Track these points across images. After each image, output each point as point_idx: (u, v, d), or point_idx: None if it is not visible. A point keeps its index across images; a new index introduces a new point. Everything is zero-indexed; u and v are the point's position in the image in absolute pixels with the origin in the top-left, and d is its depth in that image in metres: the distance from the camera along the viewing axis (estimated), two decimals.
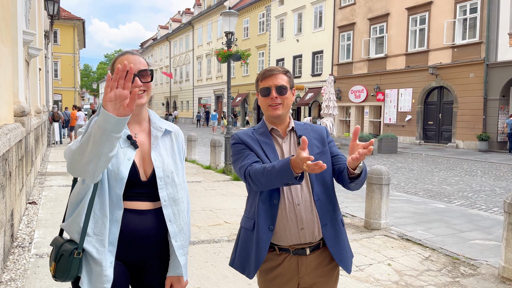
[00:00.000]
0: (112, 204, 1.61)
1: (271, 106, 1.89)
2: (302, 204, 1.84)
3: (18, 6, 5.75)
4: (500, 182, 10.34)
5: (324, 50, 28.29)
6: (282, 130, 1.96)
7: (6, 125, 4.50)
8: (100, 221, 1.59)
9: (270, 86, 1.89)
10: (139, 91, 1.64)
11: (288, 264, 1.85)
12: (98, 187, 1.60)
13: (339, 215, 1.97)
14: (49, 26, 16.72)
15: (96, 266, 1.58)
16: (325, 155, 1.92)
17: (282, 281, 1.88)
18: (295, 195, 1.84)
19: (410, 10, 22.00)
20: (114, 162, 1.60)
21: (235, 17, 10.74)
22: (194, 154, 13.14)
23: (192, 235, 5.11)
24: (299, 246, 1.84)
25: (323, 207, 1.87)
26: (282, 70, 1.94)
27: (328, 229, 1.88)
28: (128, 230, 1.64)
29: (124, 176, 1.61)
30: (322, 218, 1.86)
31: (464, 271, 4.22)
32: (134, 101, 1.37)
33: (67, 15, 36.43)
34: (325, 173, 1.89)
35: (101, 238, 1.58)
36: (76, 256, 1.56)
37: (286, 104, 1.91)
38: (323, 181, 1.89)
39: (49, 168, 10.77)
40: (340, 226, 1.94)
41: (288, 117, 1.98)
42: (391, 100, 23.40)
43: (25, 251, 4.48)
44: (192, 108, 48.69)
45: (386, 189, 5.63)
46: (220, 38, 37.73)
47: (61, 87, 37.93)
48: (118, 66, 1.35)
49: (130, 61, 1.65)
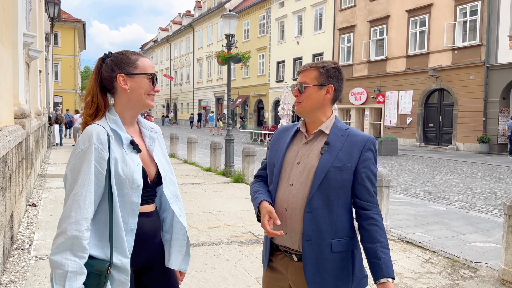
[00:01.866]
0: (126, 213, 1.59)
1: (296, 102, 1.85)
2: (290, 210, 1.75)
3: (18, 8, 5.76)
4: (500, 184, 10.33)
5: (324, 52, 28.31)
6: (311, 130, 1.82)
7: (6, 127, 4.51)
8: (117, 233, 1.56)
9: (297, 83, 1.82)
10: (153, 95, 1.70)
11: (281, 263, 1.84)
12: (112, 199, 1.56)
13: (340, 240, 1.72)
14: (49, 28, 16.75)
15: (121, 277, 1.57)
16: (343, 172, 1.70)
17: (275, 277, 1.87)
18: (286, 199, 1.77)
19: (410, 13, 22.02)
20: (126, 171, 1.57)
21: (235, 19, 10.75)
22: (194, 156, 13.13)
23: (192, 237, 5.10)
24: (287, 250, 1.80)
25: (315, 222, 1.69)
26: (317, 64, 1.79)
27: (312, 246, 1.70)
28: (142, 234, 1.65)
29: (140, 184, 1.60)
30: (306, 232, 1.69)
31: (464, 274, 4.21)
32: None
33: (67, 17, 36.48)
34: (332, 189, 1.70)
35: (122, 250, 1.56)
36: (108, 273, 1.53)
37: (307, 103, 1.78)
38: (327, 196, 1.70)
39: (49, 170, 10.77)
40: (327, 249, 1.70)
41: (322, 118, 1.81)
42: (391, 102, 23.41)
43: (25, 253, 4.47)
44: (193, 110, 48.75)
45: (386, 191, 5.63)
46: (220, 40, 37.80)
47: (62, 89, 37.96)
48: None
49: (151, 65, 1.71)
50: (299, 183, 1.75)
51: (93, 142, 1.52)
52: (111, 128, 1.61)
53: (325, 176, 1.69)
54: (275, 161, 1.84)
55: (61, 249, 1.44)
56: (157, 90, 1.70)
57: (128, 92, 1.64)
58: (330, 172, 1.69)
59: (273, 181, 1.84)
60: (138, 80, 1.64)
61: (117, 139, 1.61)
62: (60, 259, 1.43)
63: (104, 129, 1.58)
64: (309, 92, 1.77)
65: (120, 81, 1.63)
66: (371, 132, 24.87)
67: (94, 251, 1.53)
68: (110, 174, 1.55)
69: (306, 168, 1.74)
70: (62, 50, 37.62)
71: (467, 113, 19.46)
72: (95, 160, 1.52)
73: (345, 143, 1.74)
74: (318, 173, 1.70)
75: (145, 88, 1.65)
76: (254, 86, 36.19)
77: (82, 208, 1.47)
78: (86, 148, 1.52)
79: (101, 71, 1.66)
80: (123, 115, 1.67)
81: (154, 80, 1.68)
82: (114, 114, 1.65)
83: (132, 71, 1.64)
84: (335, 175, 1.69)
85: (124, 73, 1.63)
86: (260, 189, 1.88)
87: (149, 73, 1.67)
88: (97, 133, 1.55)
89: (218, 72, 41.63)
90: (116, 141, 1.60)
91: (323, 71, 1.77)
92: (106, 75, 1.65)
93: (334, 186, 1.70)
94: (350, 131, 1.78)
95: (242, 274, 4.00)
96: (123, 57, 1.65)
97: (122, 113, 1.67)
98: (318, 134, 1.80)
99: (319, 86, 1.77)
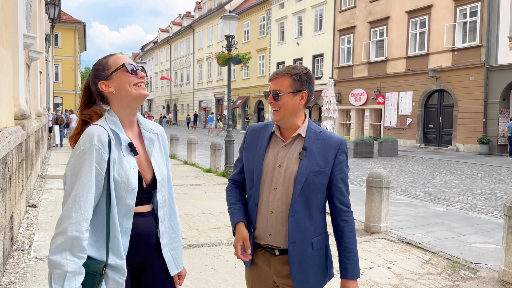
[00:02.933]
0: (121, 215, 1.59)
1: (272, 109, 1.88)
2: (276, 213, 1.83)
3: (19, 9, 5.77)
4: (500, 185, 10.33)
5: (324, 53, 28.33)
6: (287, 134, 1.88)
7: (6, 128, 4.51)
8: (113, 234, 1.57)
9: (270, 90, 1.85)
10: (140, 83, 1.66)
11: (262, 258, 1.91)
12: (110, 200, 1.57)
13: (319, 236, 1.87)
14: (50, 29, 16.77)
15: (116, 278, 1.57)
16: (321, 176, 1.82)
17: (258, 273, 1.94)
18: (271, 202, 1.84)
19: (410, 14, 22.04)
20: (122, 173, 1.57)
21: (236, 20, 10.76)
22: (194, 157, 13.13)
23: (191, 238, 5.11)
24: (270, 246, 1.88)
25: (297, 226, 1.80)
26: (288, 71, 1.83)
27: (297, 248, 1.81)
28: (136, 234, 1.64)
29: (135, 187, 1.59)
30: (292, 236, 1.80)
31: (464, 275, 4.21)
32: None
33: (68, 18, 36.52)
34: (312, 192, 1.81)
35: (117, 251, 1.57)
36: (103, 274, 1.54)
37: (285, 110, 1.81)
38: (307, 200, 1.80)
39: (49, 171, 10.77)
40: (309, 248, 1.83)
41: (298, 122, 1.86)
42: (391, 103, 23.41)
43: (25, 254, 4.47)
44: (193, 111, 48.78)
45: (386, 192, 5.63)
46: (220, 42, 37.84)
47: (62, 90, 37.99)
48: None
49: (123, 57, 1.68)
50: (282, 187, 1.82)
51: (94, 143, 1.52)
52: (111, 129, 1.61)
53: (306, 181, 1.79)
54: (254, 166, 1.89)
55: (60, 249, 1.45)
56: (141, 76, 1.66)
57: (114, 93, 1.64)
58: (309, 177, 1.79)
59: (254, 186, 1.89)
60: (117, 78, 1.64)
61: (116, 141, 1.61)
62: (60, 259, 1.43)
63: (105, 130, 1.58)
64: (284, 99, 1.81)
65: (103, 88, 1.65)
66: (371, 133, 24.88)
67: (90, 252, 1.54)
68: (109, 175, 1.55)
69: (287, 172, 1.82)
70: (63, 51, 37.67)
71: (467, 114, 19.46)
72: (96, 161, 1.52)
73: (321, 147, 1.83)
74: (298, 179, 1.79)
75: (126, 81, 1.64)
76: (254, 87, 36.20)
77: (83, 209, 1.48)
78: (87, 149, 1.52)
79: (89, 90, 1.72)
80: (120, 115, 1.67)
81: (130, 68, 1.63)
82: (113, 115, 1.65)
83: (107, 73, 1.64)
84: (314, 179, 1.80)
85: (103, 79, 1.65)
86: (236, 202, 1.96)
87: (120, 65, 1.64)
88: (98, 134, 1.55)
89: (218, 73, 41.65)
90: (115, 142, 1.60)
91: (296, 78, 1.81)
92: (93, 90, 1.70)
93: (313, 189, 1.81)
94: (323, 134, 1.87)
95: (242, 275, 3.99)
96: (97, 66, 1.68)
97: (120, 113, 1.67)
98: (296, 137, 1.86)
99: (294, 93, 1.81)
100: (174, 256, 1.80)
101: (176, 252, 1.82)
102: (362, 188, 8.85)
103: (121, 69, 1.64)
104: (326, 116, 18.45)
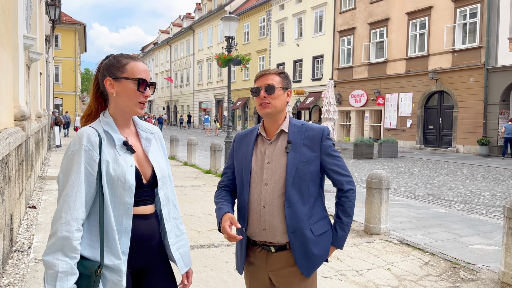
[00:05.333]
0: (120, 214, 1.58)
1: (261, 105, 1.93)
2: (268, 207, 1.89)
3: (19, 11, 5.77)
4: (500, 186, 10.33)
5: (324, 54, 28.35)
6: (271, 132, 1.97)
7: (6, 129, 4.51)
8: (110, 234, 1.56)
9: (260, 86, 1.93)
10: (143, 102, 1.67)
11: (259, 256, 1.96)
12: (103, 200, 1.56)
13: (318, 222, 1.94)
14: (50, 30, 16.78)
15: (114, 278, 1.56)
16: (310, 165, 1.90)
17: (255, 271, 1.99)
18: (263, 197, 1.90)
19: (410, 15, 22.06)
20: (118, 171, 1.57)
21: (236, 21, 10.77)
22: (194, 158, 13.13)
23: (191, 240, 5.10)
24: (266, 243, 1.93)
25: (294, 215, 1.87)
26: (276, 71, 1.95)
27: (297, 236, 1.88)
28: (137, 236, 1.64)
29: (132, 184, 1.59)
30: (290, 226, 1.87)
31: (464, 276, 4.21)
32: None
33: (68, 19, 36.59)
34: (303, 182, 1.88)
35: (114, 251, 1.56)
36: (99, 274, 1.53)
37: (276, 104, 1.91)
38: (299, 190, 1.88)
39: (49, 172, 10.77)
40: (310, 235, 1.90)
41: (282, 119, 1.97)
42: (391, 104, 23.42)
43: (24, 255, 4.47)
44: (193, 112, 48.81)
45: (386, 193, 5.63)
46: (220, 43, 37.87)
47: (62, 91, 38.04)
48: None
49: (143, 69, 1.65)
50: (273, 182, 1.90)
51: (83, 144, 1.54)
52: (104, 130, 1.62)
53: (296, 171, 1.87)
54: (243, 167, 1.97)
55: (52, 250, 1.46)
56: (146, 96, 1.65)
57: (114, 96, 1.64)
58: (299, 167, 1.88)
59: (244, 186, 1.95)
60: (125, 85, 1.62)
61: (109, 141, 1.61)
62: (52, 260, 1.45)
63: (95, 131, 1.58)
64: (277, 94, 1.92)
65: (107, 85, 1.63)
66: (371, 134, 24.89)
67: (86, 252, 1.54)
68: (101, 175, 1.55)
69: (277, 167, 1.91)
70: (63, 52, 37.72)
71: (467, 116, 19.47)
72: (85, 162, 1.53)
73: (304, 138, 1.93)
74: (289, 171, 1.87)
75: (131, 94, 1.62)
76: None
77: (72, 209, 1.49)
78: (76, 150, 1.54)
79: (98, 74, 1.69)
80: (116, 117, 1.67)
81: (141, 84, 1.61)
82: (108, 116, 1.66)
83: (119, 75, 1.62)
84: (303, 169, 1.88)
85: (111, 77, 1.63)
86: (223, 201, 2.01)
87: (135, 78, 1.62)
88: (87, 134, 1.56)
89: (219, 74, 41.68)
90: (108, 142, 1.61)
91: (283, 77, 1.96)
92: (100, 79, 1.68)
93: (304, 179, 1.89)
94: (305, 126, 1.98)
95: (241, 277, 3.97)
96: (114, 61, 1.65)
97: (115, 115, 1.67)
98: (280, 133, 1.96)
99: (284, 89, 1.95)
100: (183, 254, 1.81)
101: (184, 250, 1.82)
102: (362, 189, 8.85)
103: (132, 81, 1.62)
104: (326, 117, 18.46)
